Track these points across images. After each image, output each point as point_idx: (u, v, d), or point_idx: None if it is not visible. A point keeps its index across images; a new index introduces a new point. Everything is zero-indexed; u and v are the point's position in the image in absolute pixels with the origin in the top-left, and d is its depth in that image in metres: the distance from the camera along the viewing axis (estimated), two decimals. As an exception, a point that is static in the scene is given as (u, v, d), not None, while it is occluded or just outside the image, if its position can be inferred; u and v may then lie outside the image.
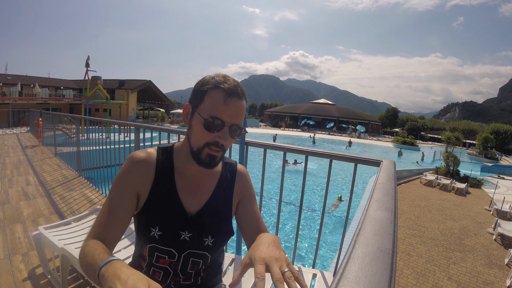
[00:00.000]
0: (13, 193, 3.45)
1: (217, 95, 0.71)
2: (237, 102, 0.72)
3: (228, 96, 0.71)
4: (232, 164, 0.89)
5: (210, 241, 0.80)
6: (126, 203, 0.74)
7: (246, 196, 0.87)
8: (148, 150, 0.81)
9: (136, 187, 0.75)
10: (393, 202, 0.66)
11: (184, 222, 0.77)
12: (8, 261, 1.95)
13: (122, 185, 0.75)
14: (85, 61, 17.49)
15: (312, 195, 10.11)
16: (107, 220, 0.70)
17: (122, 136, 3.61)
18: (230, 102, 0.71)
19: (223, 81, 0.72)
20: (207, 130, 0.71)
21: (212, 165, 0.75)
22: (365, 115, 55.73)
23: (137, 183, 0.75)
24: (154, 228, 0.75)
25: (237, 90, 0.72)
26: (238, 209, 0.86)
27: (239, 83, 0.74)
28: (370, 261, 0.38)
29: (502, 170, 20.00)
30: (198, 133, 0.72)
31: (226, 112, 0.70)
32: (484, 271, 5.70)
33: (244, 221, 0.84)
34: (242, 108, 0.74)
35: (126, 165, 0.77)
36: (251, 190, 0.89)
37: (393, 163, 1.27)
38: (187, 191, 0.79)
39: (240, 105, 0.73)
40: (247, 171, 0.92)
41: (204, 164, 0.74)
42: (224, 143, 0.73)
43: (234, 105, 0.71)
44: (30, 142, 8.61)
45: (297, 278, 0.48)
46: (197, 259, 0.80)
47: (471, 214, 9.43)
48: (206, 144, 0.72)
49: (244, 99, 0.75)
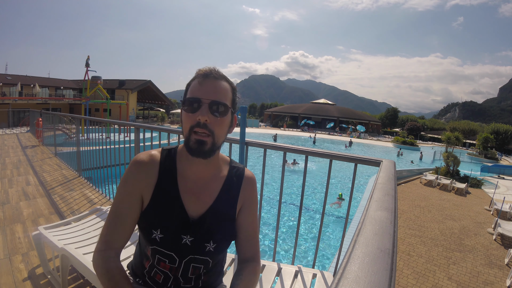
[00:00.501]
0: (13, 193, 3.45)
1: (194, 82, 0.74)
2: (212, 81, 0.74)
3: (202, 78, 0.74)
4: (239, 169, 0.86)
5: (212, 246, 0.78)
6: (132, 207, 0.75)
7: (249, 203, 0.85)
8: (152, 152, 0.81)
9: (140, 190, 0.76)
10: (393, 202, 0.66)
11: (186, 225, 0.75)
12: (8, 261, 1.95)
13: (126, 189, 0.76)
14: (85, 61, 17.47)
15: (311, 195, 10.11)
16: (114, 226, 0.75)
17: (122, 136, 3.61)
18: (205, 82, 0.73)
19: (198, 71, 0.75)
20: (188, 112, 0.72)
21: (202, 152, 0.72)
22: (365, 115, 55.74)
23: (140, 186, 0.76)
24: (155, 231, 0.74)
25: (211, 72, 0.74)
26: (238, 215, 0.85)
27: (215, 68, 0.77)
28: (370, 261, 0.38)
29: (502, 170, 20.02)
30: (184, 120, 0.74)
31: (201, 90, 0.72)
32: (484, 271, 5.70)
33: (240, 227, 0.83)
34: (219, 86, 0.74)
35: (129, 168, 0.78)
36: (254, 199, 0.87)
37: (393, 163, 1.27)
38: (190, 194, 0.77)
39: (216, 83, 0.74)
40: (254, 178, 0.89)
41: (194, 152, 0.72)
42: (210, 123, 0.71)
43: (209, 84, 0.73)
44: (30, 142, 8.61)
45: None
46: (198, 265, 0.79)
47: (471, 214, 9.43)
48: (191, 129, 0.71)
49: (223, 80, 0.76)
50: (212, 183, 0.81)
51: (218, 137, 0.74)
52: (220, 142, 0.76)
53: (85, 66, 17.44)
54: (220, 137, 0.75)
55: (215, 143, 0.74)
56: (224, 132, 0.77)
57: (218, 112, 0.72)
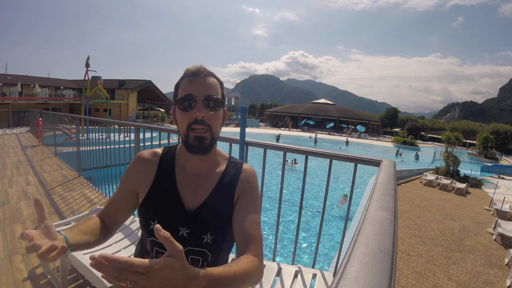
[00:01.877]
0: (13, 193, 3.46)
1: (184, 81, 0.77)
2: (202, 78, 0.76)
3: (192, 76, 0.76)
4: (238, 163, 0.88)
5: (210, 238, 0.78)
6: (126, 195, 0.83)
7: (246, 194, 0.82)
8: (155, 150, 0.87)
9: (136, 183, 0.82)
10: (393, 202, 0.66)
11: (183, 218, 0.77)
12: (8, 261, 1.95)
13: (124, 180, 0.84)
14: (85, 61, 17.48)
15: (311, 195, 10.11)
16: (109, 206, 0.83)
17: (122, 136, 3.61)
18: (195, 80, 0.75)
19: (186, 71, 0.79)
20: (183, 110, 0.74)
21: (202, 148, 0.75)
22: (365, 115, 55.73)
23: (137, 180, 0.82)
24: (153, 222, 0.77)
25: (200, 70, 0.77)
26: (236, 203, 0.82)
27: (202, 65, 0.79)
28: (370, 261, 0.38)
29: (502, 170, 20.01)
30: (179, 119, 0.76)
31: (193, 88, 0.74)
32: (484, 271, 5.70)
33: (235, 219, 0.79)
34: (209, 82, 0.77)
35: (131, 163, 0.86)
36: (252, 190, 0.84)
37: (393, 163, 1.27)
38: (188, 187, 0.80)
39: (206, 80, 0.76)
40: (254, 171, 0.88)
41: (195, 149, 0.75)
42: (206, 119, 0.73)
43: (200, 81, 0.75)
44: (30, 142, 8.61)
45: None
46: (196, 256, 0.79)
47: (471, 214, 9.43)
48: (189, 126, 0.74)
49: (211, 76, 0.78)
50: (209, 176, 0.83)
51: (215, 131, 0.77)
52: (217, 136, 0.79)
53: (85, 66, 17.45)
54: (217, 131, 0.78)
55: (214, 137, 0.77)
56: (219, 125, 0.80)
57: (212, 107, 0.75)
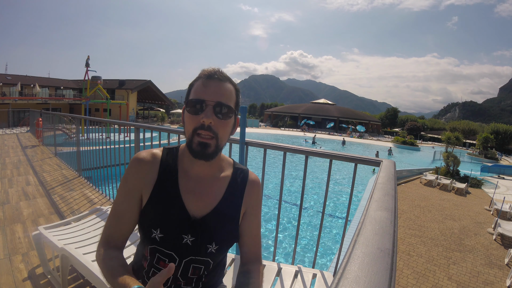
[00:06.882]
0: (13, 193, 3.45)
1: (198, 83, 0.73)
2: (217, 83, 0.72)
3: (206, 79, 0.72)
4: (243, 171, 0.86)
5: (214, 248, 0.76)
6: (131, 206, 0.76)
7: (253, 208, 0.85)
8: (153, 151, 0.80)
9: (139, 188, 0.76)
10: (393, 202, 0.66)
11: (187, 225, 0.74)
12: (8, 261, 1.95)
13: (126, 187, 0.77)
14: (85, 61, 17.46)
15: (311, 195, 10.10)
16: (115, 224, 0.76)
17: (122, 136, 3.61)
18: (209, 83, 0.72)
19: (202, 71, 0.75)
20: (191, 113, 0.71)
21: (205, 155, 0.71)
22: (365, 115, 55.73)
23: (140, 184, 0.76)
24: (155, 230, 0.73)
25: (215, 74, 0.73)
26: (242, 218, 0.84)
27: (219, 69, 0.76)
28: (370, 261, 0.38)
29: (502, 170, 20.00)
30: (186, 121, 0.73)
31: (205, 92, 0.71)
32: (484, 271, 5.70)
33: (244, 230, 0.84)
34: (223, 87, 0.73)
35: (129, 166, 0.78)
36: (258, 203, 0.86)
37: (393, 163, 1.27)
38: (192, 194, 0.76)
39: (220, 85, 0.73)
40: (259, 180, 0.88)
41: (197, 154, 0.71)
42: (214, 126, 0.70)
43: (213, 85, 0.72)
44: (30, 142, 8.60)
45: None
46: (198, 265, 0.77)
47: (471, 214, 9.43)
48: (194, 131, 0.70)
49: (227, 81, 0.75)
50: (214, 183, 0.79)
51: (221, 139, 0.73)
52: (223, 144, 0.76)
53: (85, 66, 17.43)
54: (223, 139, 0.74)
55: (219, 145, 0.73)
56: (227, 134, 0.76)
57: (222, 114, 0.71)
